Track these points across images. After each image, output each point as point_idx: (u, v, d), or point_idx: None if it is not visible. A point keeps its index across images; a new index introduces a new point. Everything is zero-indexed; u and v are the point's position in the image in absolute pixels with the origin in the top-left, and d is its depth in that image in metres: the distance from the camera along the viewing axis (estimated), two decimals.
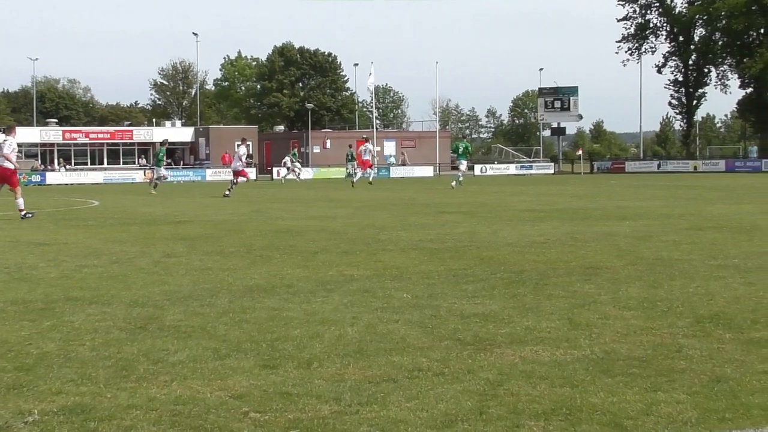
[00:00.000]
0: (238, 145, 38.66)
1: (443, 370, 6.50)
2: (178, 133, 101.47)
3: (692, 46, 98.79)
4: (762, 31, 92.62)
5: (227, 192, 37.21)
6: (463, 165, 46.51)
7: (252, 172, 77.16)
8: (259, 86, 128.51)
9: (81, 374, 6.50)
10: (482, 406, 5.64)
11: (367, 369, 6.57)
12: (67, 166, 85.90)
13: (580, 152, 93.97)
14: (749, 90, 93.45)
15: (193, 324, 8.28)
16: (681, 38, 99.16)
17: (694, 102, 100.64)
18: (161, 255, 14.08)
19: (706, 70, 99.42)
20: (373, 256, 13.55)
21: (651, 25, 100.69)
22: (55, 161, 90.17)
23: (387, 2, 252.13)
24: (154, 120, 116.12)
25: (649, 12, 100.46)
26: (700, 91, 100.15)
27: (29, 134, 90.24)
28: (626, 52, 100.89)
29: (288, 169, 69.15)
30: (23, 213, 22.93)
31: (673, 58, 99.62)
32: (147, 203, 32.64)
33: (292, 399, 5.84)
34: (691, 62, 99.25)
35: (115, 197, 39.68)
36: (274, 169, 79.31)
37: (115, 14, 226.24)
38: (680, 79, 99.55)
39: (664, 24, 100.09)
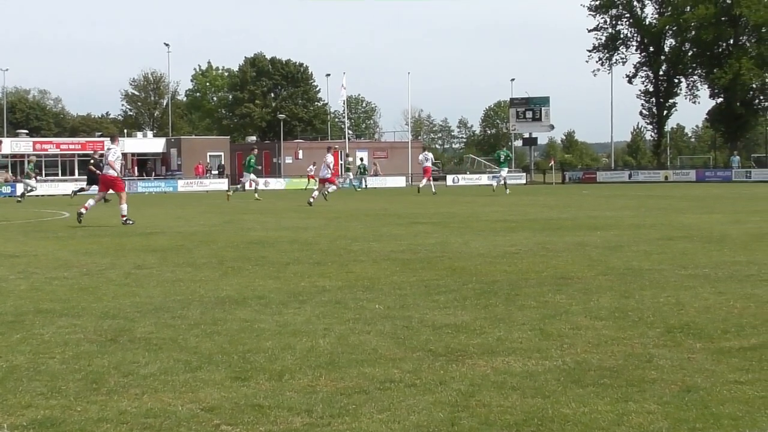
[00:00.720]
0: (327, 154, 39.18)
1: (415, 382, 6.50)
2: (149, 143, 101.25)
3: (662, 57, 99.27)
4: (731, 41, 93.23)
5: (311, 200, 37.08)
6: (504, 171, 50.87)
7: (224, 183, 77.14)
8: (230, 97, 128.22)
9: (51, 387, 6.46)
10: (454, 417, 5.65)
11: (338, 381, 6.56)
12: (38, 177, 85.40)
13: (553, 163, 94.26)
14: (719, 100, 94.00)
15: (164, 336, 8.25)
16: (651, 49, 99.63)
17: (665, 112, 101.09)
18: (132, 267, 14.03)
19: (676, 81, 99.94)
20: (345, 267, 13.55)
21: (621, 35, 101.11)
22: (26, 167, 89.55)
23: (359, 13, 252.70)
24: (125, 131, 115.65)
25: (619, 23, 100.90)
26: (671, 101, 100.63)
27: None
28: (597, 62, 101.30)
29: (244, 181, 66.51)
30: (124, 219, 24.34)
31: (644, 68, 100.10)
32: (118, 215, 32.42)
33: (264, 411, 5.82)
34: (661, 73, 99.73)
35: None
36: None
37: (85, 24, 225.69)
38: (651, 89, 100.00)
39: (635, 35, 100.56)
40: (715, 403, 5.87)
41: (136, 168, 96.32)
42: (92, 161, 42.77)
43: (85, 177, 46.28)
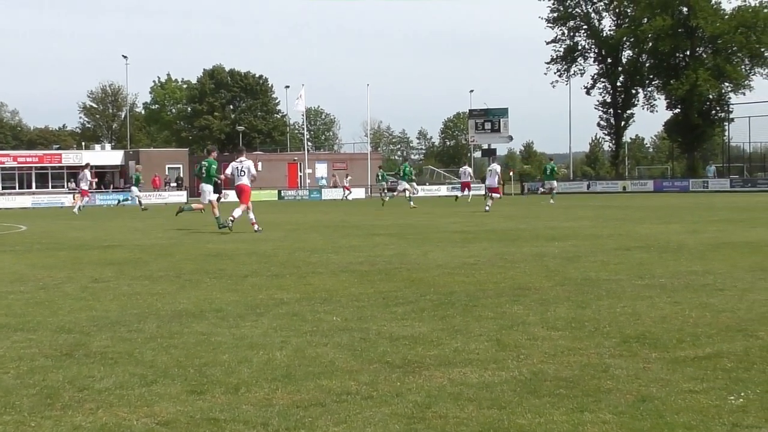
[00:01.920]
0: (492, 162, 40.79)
1: (372, 394, 6.49)
2: (107, 156, 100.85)
3: (620, 68, 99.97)
4: (688, 53, 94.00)
5: (487, 207, 38.76)
6: (554, 184, 54.44)
7: (182, 196, 76.87)
8: (189, 109, 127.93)
9: (4, 403, 6.40)
10: (410, 429, 5.65)
11: (295, 393, 6.54)
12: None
13: (512, 173, 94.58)
14: (676, 111, 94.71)
15: (120, 350, 8.20)
16: (609, 60, 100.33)
17: (623, 123, 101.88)
18: (89, 280, 13.94)
19: (633, 92, 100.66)
20: (303, 279, 13.52)
21: (579, 47, 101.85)
22: None
23: (318, 24, 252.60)
24: (83, 143, 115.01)
25: (577, 34, 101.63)
26: (628, 112, 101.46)
27: None
28: (555, 73, 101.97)
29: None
30: (257, 228, 25.96)
31: (602, 79, 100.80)
32: (76, 228, 32.25)
33: (220, 425, 5.80)
34: (619, 84, 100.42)
35: (44, 222, 39.18)
36: None
37: (43, 36, 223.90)
38: (608, 100, 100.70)
39: (592, 46, 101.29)
40: (669, 412, 5.90)
41: (94, 181, 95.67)
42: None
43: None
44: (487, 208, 38.83)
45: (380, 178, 69.42)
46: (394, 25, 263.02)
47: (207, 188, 29.42)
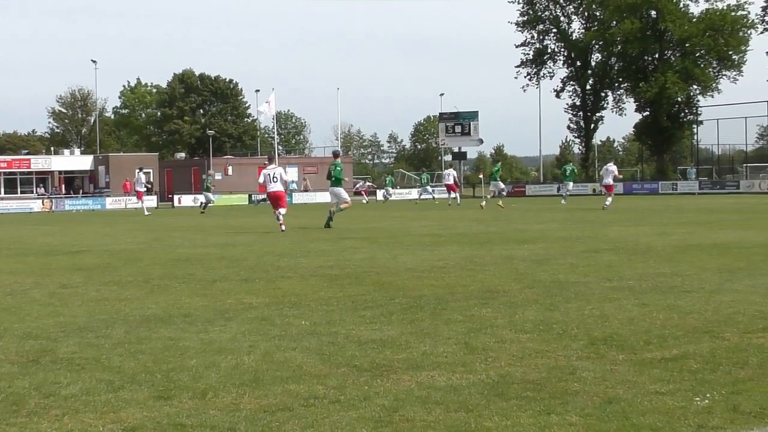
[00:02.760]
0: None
1: (339, 398, 6.49)
2: (77, 161, 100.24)
3: (589, 71, 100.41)
4: (656, 55, 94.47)
5: (608, 202, 41.67)
6: (570, 185, 55.89)
7: (152, 200, 76.56)
8: (159, 113, 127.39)
9: None
10: None
11: (262, 398, 6.53)
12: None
13: (482, 175, 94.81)
14: (645, 113, 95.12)
15: (87, 356, 8.16)
16: (578, 63, 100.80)
17: (592, 126, 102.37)
18: (57, 286, 13.87)
19: (603, 95, 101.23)
20: (272, 284, 13.50)
21: (549, 50, 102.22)
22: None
23: (289, 28, 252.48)
24: (52, 148, 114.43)
25: (546, 38, 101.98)
26: (598, 114, 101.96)
27: None
28: (525, 77, 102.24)
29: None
30: (284, 228, 27.70)
31: (571, 82, 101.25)
32: (45, 233, 32.08)
33: (186, 430, 5.79)
34: (588, 87, 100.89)
35: (12, 227, 38.99)
36: (176, 197, 78.89)
37: (11, 40, 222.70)
38: (578, 103, 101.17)
39: (562, 49, 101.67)
40: (635, 414, 5.93)
41: (63, 186, 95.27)
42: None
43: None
44: (608, 203, 41.70)
45: (424, 181, 73.44)
46: (364, 28, 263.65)
47: (338, 189, 30.97)
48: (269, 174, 28.87)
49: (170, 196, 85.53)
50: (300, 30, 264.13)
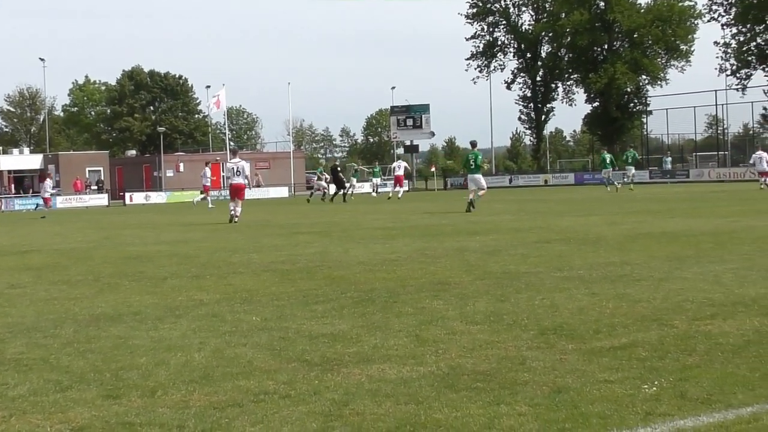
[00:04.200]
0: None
1: (289, 393, 6.47)
2: (26, 160, 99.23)
3: (539, 63, 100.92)
4: (605, 46, 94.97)
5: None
6: (632, 170, 57.17)
7: (104, 198, 76.09)
8: (109, 111, 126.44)
9: None
10: (327, 427, 5.64)
11: (212, 394, 6.50)
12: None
13: (434, 169, 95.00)
14: (595, 104, 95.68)
15: (35, 356, 8.09)
16: (528, 55, 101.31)
17: (543, 117, 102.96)
18: (5, 286, 13.75)
19: (553, 86, 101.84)
20: (223, 280, 13.46)
21: (499, 42, 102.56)
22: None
23: (238, 22, 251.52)
24: (1, 148, 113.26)
25: (496, 30, 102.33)
26: (548, 106, 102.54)
27: None
28: (476, 69, 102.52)
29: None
30: (237, 220, 29.86)
31: (522, 74, 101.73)
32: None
33: (135, 429, 5.75)
34: (538, 78, 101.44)
35: None
36: (127, 194, 78.45)
37: None
38: (529, 94, 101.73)
39: (512, 41, 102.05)
40: (584, 402, 5.95)
41: (12, 186, 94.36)
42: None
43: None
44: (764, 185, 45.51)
45: (376, 173, 71.26)
46: (314, 22, 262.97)
47: (477, 176, 33.36)
48: (233, 167, 30.31)
49: (121, 193, 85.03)
50: (250, 24, 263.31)
